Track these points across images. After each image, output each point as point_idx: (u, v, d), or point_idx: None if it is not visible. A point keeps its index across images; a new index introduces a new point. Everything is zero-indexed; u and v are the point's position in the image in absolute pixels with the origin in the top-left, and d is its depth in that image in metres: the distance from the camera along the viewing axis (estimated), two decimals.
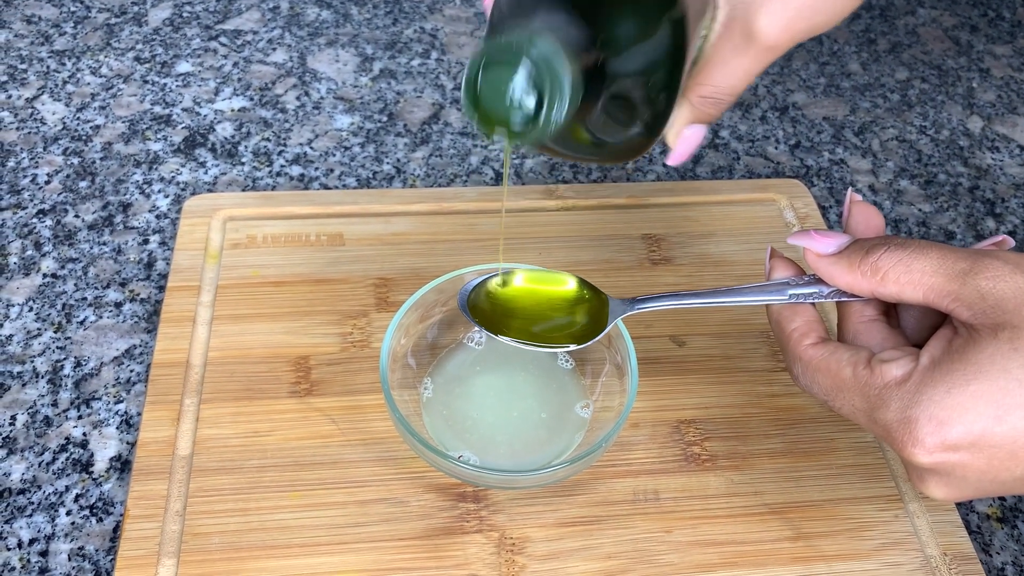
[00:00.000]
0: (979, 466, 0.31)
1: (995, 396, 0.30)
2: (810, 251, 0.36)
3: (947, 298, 0.32)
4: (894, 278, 0.34)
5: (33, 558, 0.42)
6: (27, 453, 0.45)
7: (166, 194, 0.58)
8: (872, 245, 0.35)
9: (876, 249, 0.34)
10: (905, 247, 0.34)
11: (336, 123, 0.63)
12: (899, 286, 0.34)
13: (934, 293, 0.33)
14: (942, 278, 0.33)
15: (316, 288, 0.52)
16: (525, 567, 0.41)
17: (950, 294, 0.32)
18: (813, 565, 0.42)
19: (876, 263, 0.34)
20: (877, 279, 0.34)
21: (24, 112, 0.62)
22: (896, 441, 0.32)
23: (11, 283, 0.52)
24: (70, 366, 0.49)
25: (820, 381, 0.35)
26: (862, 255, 0.35)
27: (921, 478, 0.33)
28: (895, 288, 0.34)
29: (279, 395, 0.47)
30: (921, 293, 0.33)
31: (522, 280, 0.43)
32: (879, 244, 0.34)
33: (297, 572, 0.41)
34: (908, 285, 0.33)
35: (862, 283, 0.35)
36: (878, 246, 0.34)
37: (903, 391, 0.32)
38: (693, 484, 0.45)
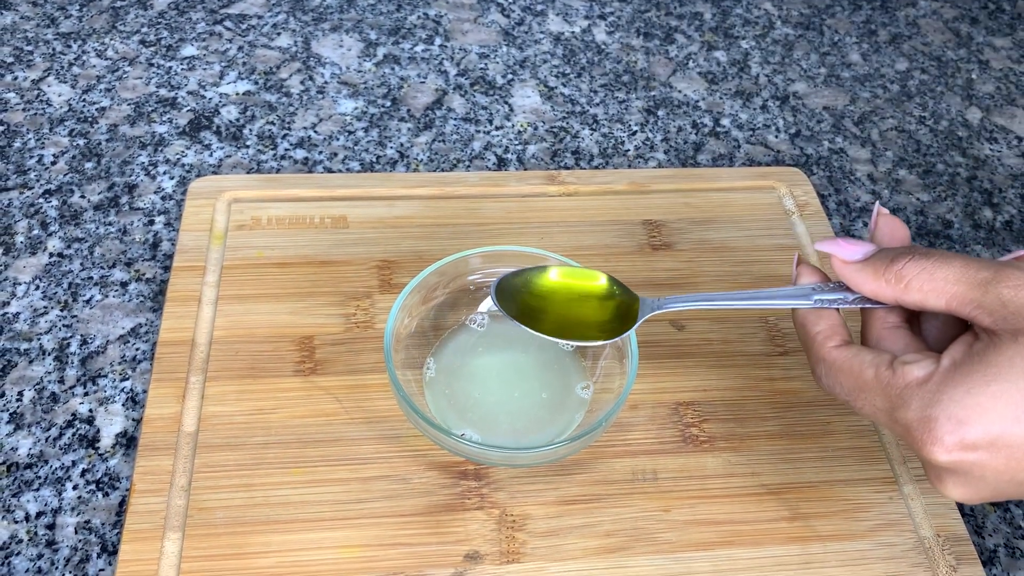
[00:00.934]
0: (997, 466, 0.32)
1: (1014, 397, 0.31)
2: (836, 258, 0.37)
3: (969, 305, 0.33)
4: (917, 286, 0.35)
5: (40, 531, 0.42)
6: (34, 428, 0.46)
7: (171, 176, 0.58)
8: (897, 254, 0.36)
9: (900, 258, 0.35)
10: (929, 256, 0.35)
11: (340, 107, 0.64)
12: (922, 294, 0.35)
13: (957, 301, 0.34)
14: (964, 286, 0.33)
15: (320, 269, 0.52)
16: (525, 543, 0.42)
17: (972, 301, 0.33)
18: (809, 544, 0.43)
19: (900, 271, 0.35)
20: (901, 287, 0.35)
21: (30, 94, 0.63)
22: (916, 440, 0.33)
23: (18, 262, 0.53)
24: (76, 344, 0.49)
25: (843, 382, 0.36)
26: (887, 263, 0.36)
27: (939, 477, 0.34)
28: (919, 296, 0.35)
29: (283, 374, 0.47)
30: (944, 301, 0.34)
31: (556, 275, 0.44)
32: (904, 253, 0.35)
33: (300, 547, 0.41)
34: (931, 293, 0.34)
35: (886, 290, 0.36)
36: (902, 255, 0.35)
37: (924, 391, 0.33)
38: (691, 464, 0.45)
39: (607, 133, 0.64)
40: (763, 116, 0.66)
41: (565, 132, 0.63)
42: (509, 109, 0.65)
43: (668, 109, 0.66)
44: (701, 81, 0.69)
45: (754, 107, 0.67)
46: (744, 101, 0.68)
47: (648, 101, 0.67)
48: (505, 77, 0.68)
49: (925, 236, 0.59)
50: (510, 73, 0.68)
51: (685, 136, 0.64)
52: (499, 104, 0.65)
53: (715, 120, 0.66)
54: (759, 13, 0.76)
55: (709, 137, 0.64)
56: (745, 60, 0.71)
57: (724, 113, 0.66)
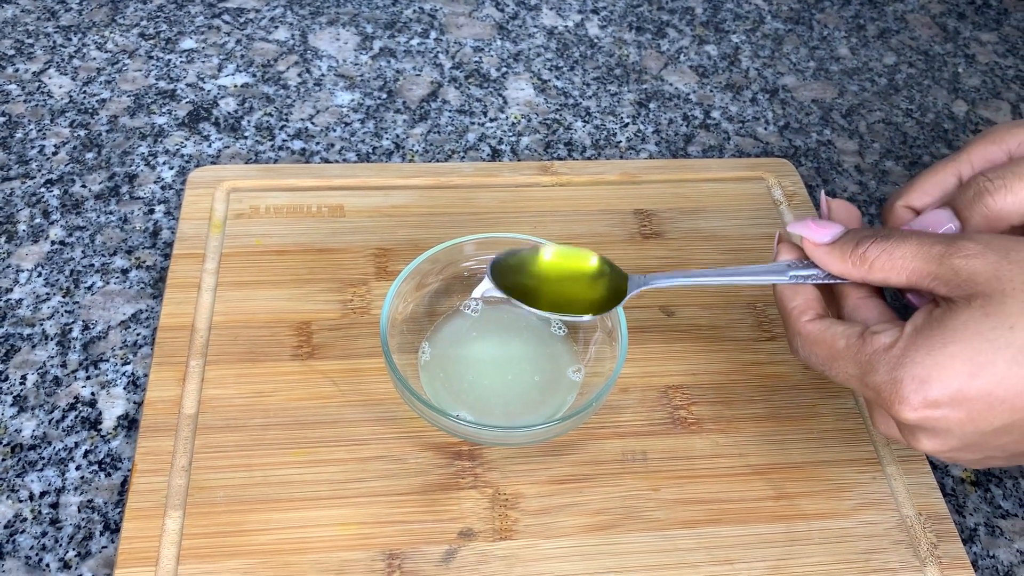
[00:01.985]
0: (960, 418, 0.34)
1: (969, 356, 0.33)
2: (807, 240, 0.40)
3: (927, 278, 0.36)
4: (879, 266, 0.37)
5: (44, 510, 0.43)
6: (37, 411, 0.47)
7: (171, 166, 0.59)
8: (861, 237, 0.38)
9: (864, 241, 0.38)
10: (889, 237, 0.37)
11: (337, 99, 0.65)
12: (884, 272, 0.37)
13: (916, 275, 0.36)
14: (921, 261, 0.36)
15: (317, 257, 0.53)
16: (518, 521, 0.43)
17: (929, 275, 0.36)
18: (794, 523, 0.44)
19: (864, 254, 0.38)
20: (865, 268, 0.38)
21: (31, 85, 0.64)
22: (885, 401, 0.35)
23: (20, 249, 0.54)
24: (78, 329, 0.50)
25: (817, 352, 0.38)
26: (852, 246, 0.38)
27: (912, 434, 0.36)
28: (881, 275, 0.37)
29: (282, 358, 0.48)
30: (905, 277, 0.37)
31: (549, 254, 0.46)
32: (867, 237, 0.38)
33: (299, 524, 0.42)
34: (892, 271, 0.37)
35: (852, 271, 0.38)
36: (866, 239, 0.38)
37: (890, 356, 0.35)
38: (680, 445, 0.46)
39: (599, 125, 0.65)
40: (753, 108, 0.68)
41: (558, 124, 0.65)
42: (503, 101, 0.66)
43: (660, 102, 0.67)
44: (692, 74, 0.70)
45: (744, 100, 0.68)
46: (734, 94, 0.69)
47: (640, 94, 0.68)
48: (499, 70, 0.69)
49: None
50: (504, 66, 0.69)
51: (676, 128, 0.65)
52: (493, 96, 0.66)
53: (706, 112, 0.67)
54: (749, 8, 0.77)
55: (700, 129, 0.65)
56: (735, 54, 0.73)
57: (714, 106, 0.68)
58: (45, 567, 0.41)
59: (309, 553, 0.41)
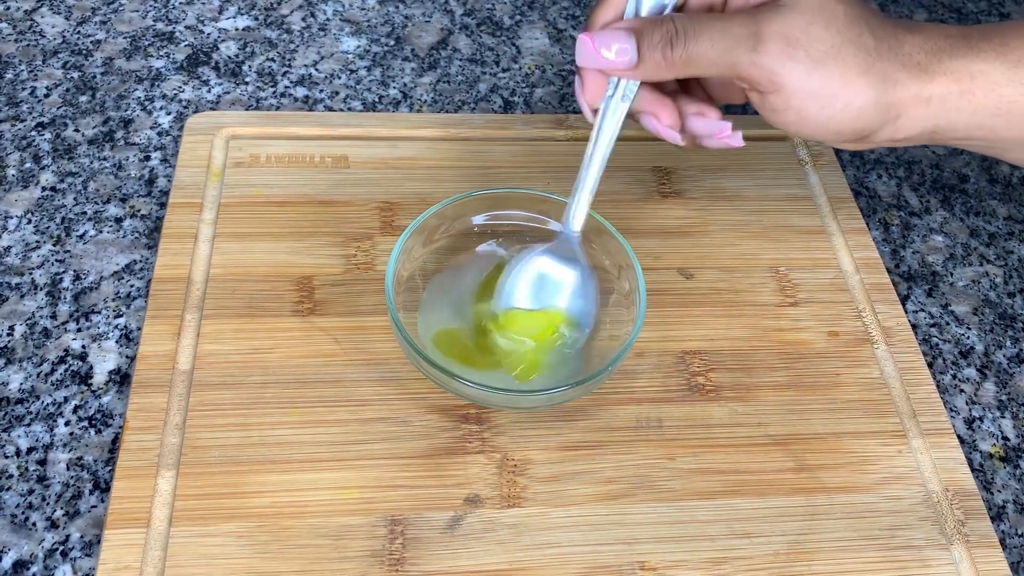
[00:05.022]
0: None
1: None
2: (611, 69, 0.39)
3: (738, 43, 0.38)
4: (697, 58, 0.38)
5: (31, 467, 0.41)
6: (25, 364, 0.45)
7: (168, 111, 0.57)
8: (663, 41, 0.38)
9: (668, 47, 0.38)
10: (686, 26, 0.37)
11: (342, 45, 0.62)
12: (709, 52, 0.37)
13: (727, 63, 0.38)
14: (730, 52, 0.37)
15: (320, 209, 0.51)
16: (527, 488, 0.41)
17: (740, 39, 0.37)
18: (814, 496, 0.42)
19: (672, 55, 0.38)
20: (688, 66, 0.38)
21: (23, 24, 0.61)
22: None
23: (9, 195, 0.51)
24: (69, 279, 0.48)
25: (705, 28, 0.38)
26: (659, 54, 0.38)
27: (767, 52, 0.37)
28: (704, 60, 0.38)
29: (282, 313, 0.46)
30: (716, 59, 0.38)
31: None
32: (666, 42, 0.37)
33: (297, 487, 0.40)
34: (710, 61, 0.38)
35: (673, 72, 0.38)
36: (667, 44, 0.38)
37: None
38: (696, 413, 0.44)
39: None
40: None
41: (574, 75, 0.62)
42: (516, 51, 0.63)
43: None
44: None
45: None
46: None
47: None
48: (513, 18, 0.66)
49: (940, 190, 0.58)
50: (518, 14, 0.66)
51: None
52: (506, 46, 0.63)
53: None
54: None
55: None
56: None
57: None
58: (32, 526, 0.40)
59: (307, 517, 0.39)
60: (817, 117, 0.38)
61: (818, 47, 0.37)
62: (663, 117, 0.41)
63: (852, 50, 0.37)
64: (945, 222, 0.56)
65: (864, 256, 0.52)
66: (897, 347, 0.48)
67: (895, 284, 0.52)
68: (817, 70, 0.37)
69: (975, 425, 0.47)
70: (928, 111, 0.38)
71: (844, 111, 0.38)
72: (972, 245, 0.55)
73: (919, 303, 0.52)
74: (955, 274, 0.53)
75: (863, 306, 0.49)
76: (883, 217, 0.56)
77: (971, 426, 0.47)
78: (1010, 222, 0.56)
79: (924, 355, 0.48)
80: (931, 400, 0.46)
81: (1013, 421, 0.47)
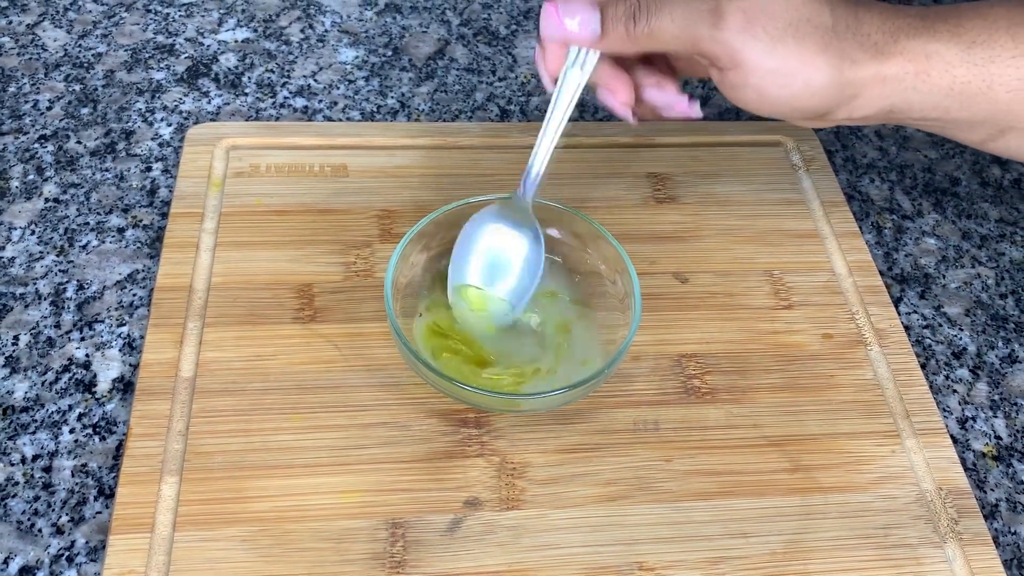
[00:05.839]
0: None
1: None
2: (576, 40, 0.40)
3: None
4: (659, 33, 0.39)
5: (37, 474, 0.42)
6: (30, 372, 0.45)
7: (169, 123, 0.57)
8: (625, 20, 0.39)
9: (630, 21, 0.39)
10: (649, 1, 0.38)
11: (340, 56, 0.63)
12: (671, 27, 0.39)
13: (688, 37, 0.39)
14: (689, 27, 0.38)
15: (320, 218, 0.51)
16: (525, 490, 0.42)
17: None
18: (810, 496, 0.43)
19: (635, 31, 0.39)
20: (650, 41, 0.39)
21: (25, 38, 0.62)
22: None
23: (13, 207, 0.52)
24: (72, 289, 0.49)
25: None
26: (624, 25, 0.39)
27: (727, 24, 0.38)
28: (665, 35, 0.39)
29: (282, 321, 0.47)
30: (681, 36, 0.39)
31: None
32: (629, 16, 0.39)
33: (299, 491, 0.41)
34: (672, 36, 0.39)
35: (635, 47, 0.40)
36: (630, 18, 0.39)
37: None
38: (693, 415, 0.45)
39: None
40: None
41: None
42: (512, 60, 0.64)
43: None
44: None
45: None
46: None
47: None
48: (508, 28, 0.66)
49: (932, 193, 0.58)
50: (514, 24, 0.67)
51: (691, 89, 0.63)
52: (502, 55, 0.64)
53: None
54: None
55: (716, 91, 0.63)
56: None
57: None
58: (37, 532, 0.40)
59: (309, 521, 0.40)
60: (776, 95, 0.39)
61: (776, 24, 0.37)
62: (619, 93, 0.42)
63: (810, 28, 0.38)
64: (937, 225, 0.57)
65: (857, 259, 0.52)
66: (890, 349, 0.48)
67: (888, 286, 0.52)
68: (776, 48, 0.38)
69: (968, 425, 0.47)
70: (884, 90, 0.39)
71: (802, 89, 0.38)
72: (964, 247, 0.56)
73: (912, 305, 0.52)
74: (947, 276, 0.54)
75: (856, 308, 0.50)
76: (876, 220, 0.56)
77: (964, 426, 0.47)
78: (1001, 224, 0.57)
79: (917, 356, 0.49)
80: (924, 400, 0.47)
81: (1005, 420, 0.48)
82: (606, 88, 0.42)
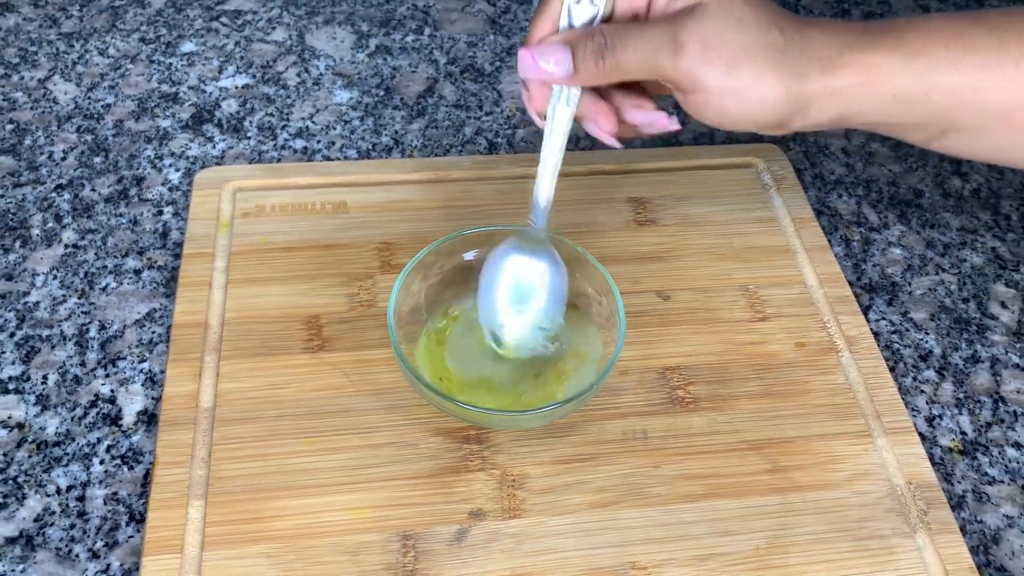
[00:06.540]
0: None
1: None
2: (553, 78, 0.43)
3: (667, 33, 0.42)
4: (625, 65, 0.42)
5: (71, 503, 0.45)
6: (60, 409, 0.49)
7: (177, 168, 0.61)
8: (596, 51, 0.42)
9: (599, 57, 0.42)
10: (612, 44, 0.41)
11: (336, 98, 0.66)
12: (635, 59, 0.42)
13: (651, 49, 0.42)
14: (654, 47, 0.41)
15: (323, 253, 0.55)
16: (525, 500, 0.45)
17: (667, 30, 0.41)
18: (789, 495, 0.46)
19: (604, 64, 0.42)
20: (618, 72, 0.42)
21: (37, 92, 0.65)
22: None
23: (35, 254, 0.55)
24: (95, 329, 0.52)
25: (628, 39, 0.42)
26: (595, 57, 0.42)
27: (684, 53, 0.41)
28: (631, 67, 0.42)
29: (293, 351, 0.50)
30: (647, 55, 0.42)
31: None
32: (597, 53, 0.42)
33: (316, 509, 0.44)
34: (636, 64, 0.42)
35: (606, 78, 0.43)
36: (598, 54, 0.42)
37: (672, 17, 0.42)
38: (678, 424, 0.48)
39: None
40: None
41: None
42: (498, 95, 0.68)
43: None
44: None
45: None
46: None
47: None
48: (493, 64, 0.70)
49: (897, 206, 0.62)
50: (498, 60, 0.71)
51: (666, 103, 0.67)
52: (488, 91, 0.68)
53: None
54: None
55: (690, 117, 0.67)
56: None
57: None
58: (75, 558, 0.43)
59: (327, 536, 0.43)
60: (736, 112, 0.42)
61: (731, 49, 0.41)
62: (602, 123, 0.45)
63: (763, 49, 0.41)
64: (903, 235, 0.60)
65: (827, 271, 0.56)
66: (860, 354, 0.52)
67: (857, 296, 0.56)
68: (733, 71, 0.41)
69: (935, 422, 0.51)
70: (835, 100, 0.42)
71: (760, 106, 0.42)
72: (928, 256, 0.59)
73: (880, 312, 0.56)
74: (913, 283, 0.58)
75: (828, 318, 0.54)
76: (844, 233, 0.60)
77: (931, 423, 0.51)
78: (963, 232, 0.61)
79: (886, 360, 0.53)
80: (893, 401, 0.50)
81: (970, 417, 0.51)
82: (590, 120, 0.46)
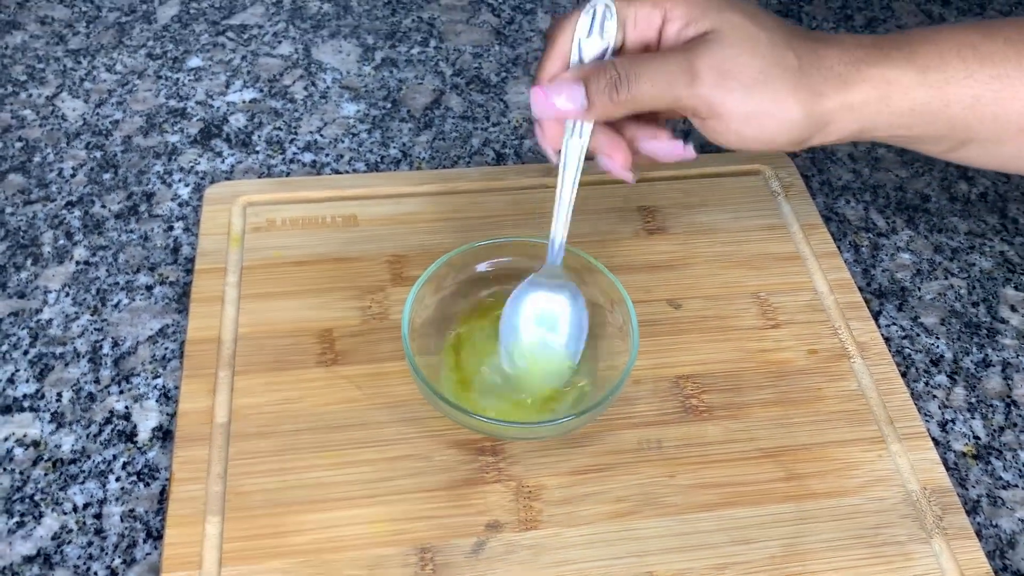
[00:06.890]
0: None
1: None
2: (570, 114, 0.43)
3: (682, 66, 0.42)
4: (640, 97, 0.42)
5: (88, 521, 0.45)
6: (75, 426, 0.49)
7: (186, 183, 0.61)
8: (607, 85, 0.42)
9: (612, 88, 0.42)
10: (627, 76, 0.42)
11: (343, 111, 0.67)
12: (650, 90, 0.42)
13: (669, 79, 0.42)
14: (672, 74, 0.41)
15: (335, 266, 0.55)
16: (542, 512, 0.45)
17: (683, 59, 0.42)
18: (804, 502, 0.46)
19: (618, 97, 0.42)
20: (633, 104, 0.42)
21: (45, 110, 0.66)
22: None
23: (47, 271, 0.56)
24: (108, 346, 0.52)
25: (642, 71, 0.42)
26: (609, 91, 0.42)
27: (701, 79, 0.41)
28: (646, 98, 0.42)
29: (307, 365, 0.50)
30: (658, 90, 0.42)
31: None
32: (609, 84, 0.42)
33: (334, 524, 0.44)
34: (653, 95, 0.42)
35: (621, 111, 0.43)
36: (609, 86, 0.42)
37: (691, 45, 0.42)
38: (693, 433, 0.48)
39: None
40: None
41: None
42: (504, 106, 0.68)
43: None
44: None
45: None
46: None
47: None
48: (499, 75, 0.71)
49: (905, 211, 0.62)
50: (503, 71, 0.71)
51: (675, 124, 0.67)
52: (495, 101, 0.68)
53: None
54: None
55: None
56: None
57: None
58: (93, 575, 0.43)
59: (345, 551, 0.43)
60: (755, 135, 0.42)
61: (748, 74, 0.41)
62: (616, 158, 0.45)
63: (778, 72, 0.41)
64: (911, 240, 0.61)
65: (837, 277, 0.56)
66: (872, 360, 0.52)
67: (867, 301, 0.56)
68: (750, 95, 0.41)
69: (948, 427, 0.51)
70: (853, 116, 0.43)
71: (778, 127, 0.42)
72: (937, 260, 0.59)
73: (891, 317, 0.56)
74: (922, 288, 0.58)
75: (839, 324, 0.54)
76: (853, 239, 0.60)
77: (944, 428, 0.51)
78: (971, 236, 0.61)
79: (897, 365, 0.53)
80: (906, 407, 0.50)
81: (983, 421, 0.51)
82: (604, 155, 0.45)
